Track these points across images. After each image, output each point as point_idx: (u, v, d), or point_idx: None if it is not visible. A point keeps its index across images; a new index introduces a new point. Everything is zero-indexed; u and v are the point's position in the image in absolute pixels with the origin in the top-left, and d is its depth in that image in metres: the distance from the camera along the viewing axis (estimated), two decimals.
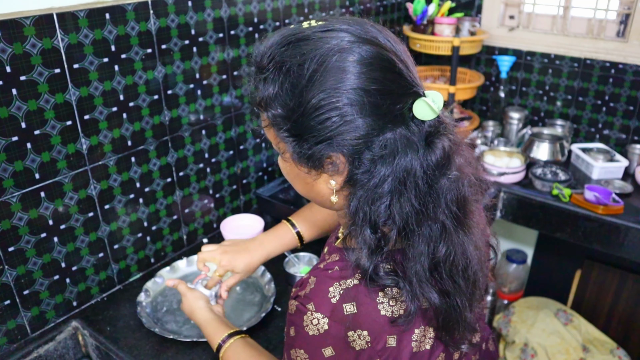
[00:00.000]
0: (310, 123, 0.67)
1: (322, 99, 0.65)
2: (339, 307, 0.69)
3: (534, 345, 2.03)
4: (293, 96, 0.67)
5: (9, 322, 1.21)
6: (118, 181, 1.36)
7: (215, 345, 1.04)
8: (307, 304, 0.71)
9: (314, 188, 0.76)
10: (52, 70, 1.14)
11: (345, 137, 0.66)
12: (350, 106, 0.65)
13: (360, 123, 0.66)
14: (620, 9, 2.02)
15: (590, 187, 1.75)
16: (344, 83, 0.65)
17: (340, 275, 0.71)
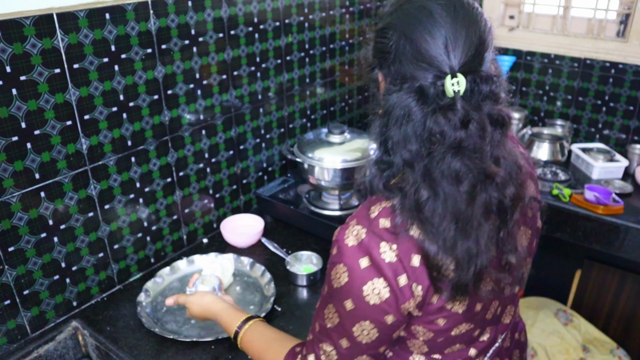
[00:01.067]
0: (375, 39, 0.83)
1: (384, 26, 0.80)
2: (375, 221, 0.79)
3: (534, 345, 2.03)
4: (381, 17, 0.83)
5: (9, 322, 1.21)
6: (118, 181, 1.36)
7: (232, 332, 1.05)
8: (351, 221, 0.81)
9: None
10: (52, 70, 1.14)
11: (387, 59, 0.79)
12: (401, 40, 0.77)
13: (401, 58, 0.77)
14: (620, 9, 2.02)
15: (590, 187, 1.75)
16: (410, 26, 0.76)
17: (379, 199, 0.81)
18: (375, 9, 2.13)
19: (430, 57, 0.75)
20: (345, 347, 0.82)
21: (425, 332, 0.84)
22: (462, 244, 0.76)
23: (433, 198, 0.75)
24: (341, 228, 0.82)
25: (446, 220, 0.75)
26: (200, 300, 1.16)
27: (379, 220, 0.78)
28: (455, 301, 0.80)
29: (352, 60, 2.11)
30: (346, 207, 1.64)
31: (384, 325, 0.80)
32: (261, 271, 1.45)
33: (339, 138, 1.61)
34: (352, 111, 2.23)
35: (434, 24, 0.75)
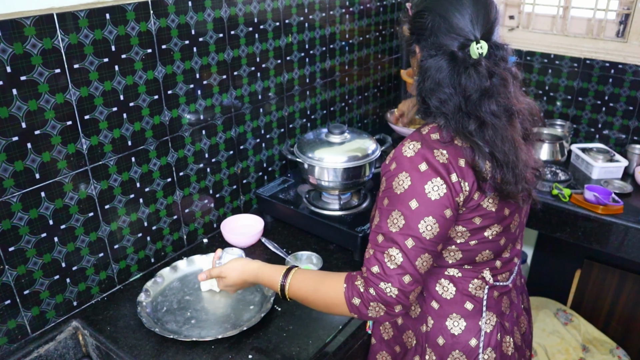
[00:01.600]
0: (413, 21, 1.05)
1: (422, 8, 1.02)
2: (427, 136, 1.00)
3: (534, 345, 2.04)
4: (418, 5, 1.05)
5: (9, 321, 1.21)
6: (118, 181, 1.36)
7: (278, 284, 1.10)
8: (406, 141, 1.01)
9: (413, 74, 1.13)
10: (52, 70, 1.14)
11: (424, 35, 1.01)
12: (437, 17, 0.99)
13: (436, 32, 0.99)
14: (620, 9, 2.02)
15: (590, 187, 1.76)
16: (442, 6, 0.99)
17: (427, 123, 1.04)
18: (375, 9, 2.13)
19: (459, 28, 0.97)
20: (411, 247, 0.94)
21: (463, 233, 1.01)
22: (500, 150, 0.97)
23: (479, 126, 0.96)
24: (396, 148, 1.01)
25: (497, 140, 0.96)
26: (235, 264, 1.19)
27: (429, 135, 1.00)
28: (490, 197, 0.99)
29: (352, 60, 2.11)
30: (346, 207, 1.65)
31: (444, 218, 0.96)
32: None
33: (339, 138, 1.61)
34: (352, 111, 2.23)
35: (462, 4, 0.97)
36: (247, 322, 1.27)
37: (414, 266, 0.95)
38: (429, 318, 1.11)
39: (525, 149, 1.03)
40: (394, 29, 2.29)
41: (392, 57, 2.37)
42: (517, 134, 1.03)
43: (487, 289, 1.09)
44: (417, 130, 1.03)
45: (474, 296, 1.09)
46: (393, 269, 0.94)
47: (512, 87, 0.99)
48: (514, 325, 1.17)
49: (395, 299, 0.95)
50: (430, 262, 0.98)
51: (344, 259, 1.54)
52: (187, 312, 1.34)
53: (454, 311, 1.09)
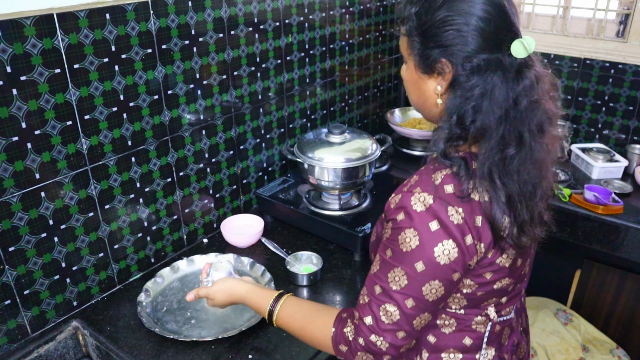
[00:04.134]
0: (435, 32, 0.89)
1: (447, 16, 0.87)
2: (441, 187, 0.87)
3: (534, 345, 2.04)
4: (427, 12, 0.89)
5: (9, 321, 1.21)
6: (118, 181, 1.36)
7: (266, 311, 1.05)
8: (414, 189, 0.88)
9: (424, 92, 0.96)
10: (52, 70, 1.14)
11: (457, 48, 0.87)
12: (466, 25, 0.86)
13: (470, 41, 0.86)
14: (620, 9, 2.02)
15: (590, 187, 1.76)
16: (467, 9, 0.86)
17: (440, 166, 0.90)
18: (375, 9, 2.13)
19: (501, 26, 0.86)
20: (411, 307, 0.88)
21: (471, 285, 0.93)
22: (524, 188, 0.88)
23: (518, 152, 0.86)
24: (404, 195, 0.89)
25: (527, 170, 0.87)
26: (222, 286, 1.14)
27: (444, 186, 0.87)
28: (506, 253, 0.91)
29: (352, 60, 2.11)
30: (346, 207, 1.65)
31: (450, 281, 0.88)
32: (261, 271, 1.45)
33: (339, 138, 1.61)
34: (352, 111, 2.23)
35: (489, 0, 0.86)
36: (247, 322, 1.27)
37: (410, 324, 0.88)
38: (424, 351, 1.00)
39: (550, 166, 0.94)
40: (394, 29, 2.29)
41: (392, 57, 2.37)
42: (547, 151, 0.91)
43: (490, 325, 1.00)
44: (429, 176, 0.89)
45: (475, 331, 0.99)
46: (388, 324, 0.88)
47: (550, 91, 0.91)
48: (512, 355, 1.08)
49: (385, 351, 0.89)
50: (429, 319, 0.91)
51: (343, 259, 1.54)
52: (187, 312, 1.34)
53: (452, 346, 0.99)
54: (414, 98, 1.01)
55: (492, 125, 0.85)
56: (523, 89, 0.85)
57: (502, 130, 0.85)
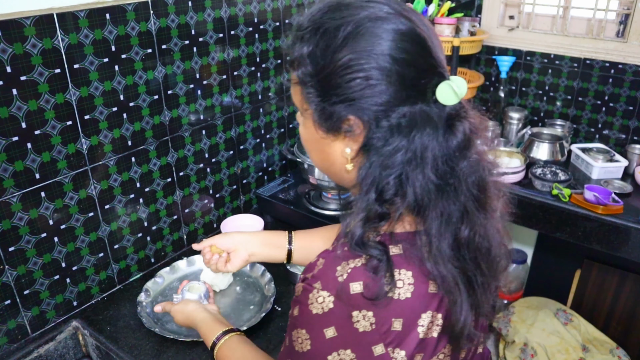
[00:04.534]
0: (337, 81, 0.70)
1: (351, 59, 0.68)
2: (346, 286, 0.68)
3: (534, 345, 2.04)
4: (325, 55, 0.70)
5: (9, 321, 1.21)
6: (118, 181, 1.36)
7: (210, 342, 1.04)
8: (314, 283, 0.70)
9: (329, 155, 0.77)
10: (52, 70, 1.14)
11: (367, 101, 0.68)
12: (377, 70, 0.68)
13: (383, 89, 0.68)
14: (620, 9, 2.02)
15: (590, 187, 1.75)
16: (375, 47, 0.68)
17: (349, 255, 0.70)
18: None
19: (417, 71, 0.68)
20: None
21: None
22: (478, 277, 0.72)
23: (468, 228, 0.70)
24: (304, 289, 0.71)
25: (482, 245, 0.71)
26: (183, 308, 1.14)
27: (349, 284, 0.67)
28: (441, 353, 0.74)
29: None
30: None
31: None
32: (261, 271, 1.45)
33: None
34: None
35: (403, 34, 0.68)
36: (247, 322, 1.27)
37: None
38: None
39: (503, 231, 0.78)
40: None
41: None
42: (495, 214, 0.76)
43: None
44: (334, 267, 0.69)
45: None
46: None
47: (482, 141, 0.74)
48: None
49: None
50: None
51: None
52: None
53: None
54: (317, 161, 0.82)
55: (429, 200, 0.68)
56: (458, 147, 0.69)
57: (443, 203, 0.69)
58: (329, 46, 0.69)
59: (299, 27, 0.74)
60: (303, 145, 0.83)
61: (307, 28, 0.72)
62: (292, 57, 0.75)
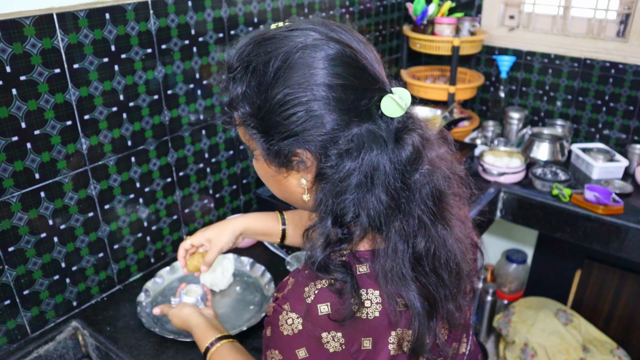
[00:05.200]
0: (276, 119, 0.69)
1: (287, 94, 0.67)
2: (313, 308, 0.68)
3: (534, 345, 2.04)
4: (259, 93, 0.69)
5: (8, 322, 1.21)
6: (118, 181, 1.36)
7: (203, 348, 1.04)
8: (284, 304, 0.70)
9: (287, 188, 0.78)
10: (52, 70, 1.14)
11: (311, 133, 0.68)
12: (315, 101, 0.67)
13: (325, 118, 0.67)
14: (620, 9, 2.02)
15: (590, 187, 1.75)
16: (308, 79, 0.67)
17: (310, 277, 0.70)
18: (375, 9, 2.13)
19: (356, 91, 0.67)
20: None
21: None
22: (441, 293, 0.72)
23: (427, 240, 0.70)
24: (274, 310, 0.71)
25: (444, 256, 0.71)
26: (180, 312, 1.15)
27: (317, 306, 0.68)
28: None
29: None
30: None
31: None
32: (261, 271, 1.45)
33: None
34: None
35: (334, 59, 0.67)
36: (247, 322, 1.27)
37: None
38: None
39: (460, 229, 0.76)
40: (394, 29, 2.29)
41: (392, 57, 2.37)
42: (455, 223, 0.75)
43: None
44: (301, 288, 0.70)
45: None
46: None
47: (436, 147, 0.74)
48: None
49: None
50: None
51: None
52: None
53: None
54: (276, 193, 0.82)
55: (383, 220, 0.68)
56: (408, 160, 0.68)
57: (397, 221, 0.69)
58: (262, 84, 0.69)
59: (230, 67, 0.73)
60: (260, 178, 0.83)
61: (237, 67, 0.71)
62: (229, 98, 0.74)
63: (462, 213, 0.79)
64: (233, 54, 0.73)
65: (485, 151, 2.00)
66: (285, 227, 1.18)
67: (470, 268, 0.80)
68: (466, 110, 2.32)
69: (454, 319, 0.76)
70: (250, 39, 0.72)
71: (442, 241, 0.72)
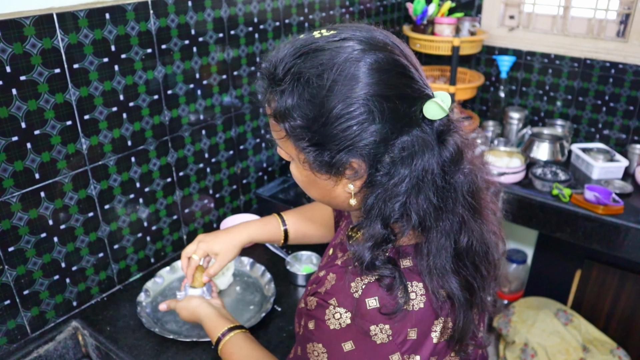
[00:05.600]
0: (332, 132, 0.69)
1: (342, 108, 0.67)
2: (361, 302, 0.70)
3: (534, 345, 2.03)
4: (313, 107, 0.69)
5: (9, 322, 1.21)
6: (118, 181, 1.36)
7: (215, 338, 1.04)
8: (329, 299, 0.72)
9: (331, 193, 0.78)
10: (52, 70, 1.14)
11: (366, 144, 0.69)
12: (369, 113, 0.68)
13: (379, 128, 0.68)
14: (620, 9, 2.02)
15: (590, 187, 1.75)
16: (362, 91, 0.67)
17: (363, 272, 0.72)
18: (375, 9, 2.13)
19: (404, 98, 0.68)
20: None
21: None
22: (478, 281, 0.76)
23: (469, 238, 0.73)
24: (319, 305, 0.73)
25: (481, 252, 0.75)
26: (187, 304, 1.15)
27: (365, 300, 0.70)
28: (453, 352, 0.78)
29: None
30: None
31: None
32: (261, 271, 1.45)
33: None
34: None
35: (384, 69, 0.68)
36: (247, 322, 1.27)
37: None
38: None
39: (492, 222, 0.81)
40: (394, 29, 2.29)
41: None
42: (486, 213, 0.79)
43: None
44: (348, 283, 0.72)
45: None
46: None
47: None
48: None
49: None
50: None
51: None
52: None
53: None
54: (316, 197, 0.82)
55: (432, 218, 0.71)
56: (452, 161, 0.71)
57: (443, 220, 0.72)
58: (316, 96, 0.68)
59: (274, 77, 0.73)
60: (297, 182, 0.84)
61: (284, 78, 0.71)
62: (275, 109, 0.73)
63: (494, 206, 0.83)
64: (277, 64, 0.73)
65: (485, 151, 2.00)
66: (287, 228, 1.22)
67: (500, 262, 0.84)
68: (466, 111, 2.32)
69: (486, 307, 0.80)
70: (296, 49, 0.72)
71: (480, 235, 0.76)
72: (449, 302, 0.74)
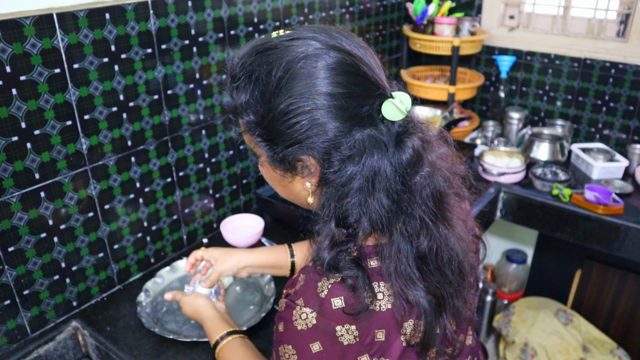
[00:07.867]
0: (280, 128, 0.71)
1: (289, 104, 0.69)
2: (327, 302, 0.70)
3: (534, 345, 2.04)
4: (263, 103, 0.71)
5: (8, 322, 1.21)
6: (118, 181, 1.36)
7: (213, 341, 1.05)
8: (297, 299, 0.72)
9: (291, 190, 0.80)
10: (52, 70, 1.14)
11: (314, 140, 0.70)
12: (317, 110, 0.69)
13: (328, 126, 0.69)
14: (620, 9, 2.02)
15: (590, 187, 1.75)
16: (310, 88, 0.68)
17: (326, 274, 0.72)
18: (375, 9, 2.13)
19: (357, 98, 0.69)
20: None
21: None
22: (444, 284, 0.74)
23: (430, 240, 0.72)
24: (287, 306, 0.73)
25: (447, 254, 0.73)
26: (193, 301, 1.15)
27: (330, 300, 0.70)
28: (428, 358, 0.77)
29: None
30: None
31: None
32: None
33: None
34: None
35: (335, 68, 0.69)
36: (247, 322, 1.27)
37: None
38: None
39: (461, 228, 0.78)
40: (394, 29, 2.29)
41: (392, 57, 2.37)
42: (451, 222, 0.76)
43: None
44: (314, 283, 0.72)
45: None
46: None
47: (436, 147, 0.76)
48: None
49: None
50: None
51: None
52: None
53: None
54: (282, 194, 0.85)
55: (385, 222, 0.70)
56: (409, 163, 0.70)
57: (399, 222, 0.71)
58: (264, 93, 0.71)
59: (233, 76, 0.75)
60: (266, 180, 0.86)
61: (239, 75, 0.74)
62: (234, 105, 0.76)
63: (463, 211, 0.81)
64: (235, 63, 0.76)
65: (485, 151, 2.00)
66: (294, 260, 1.20)
67: (473, 263, 0.81)
68: (466, 110, 2.32)
69: (460, 314, 0.78)
70: (252, 48, 0.74)
71: (445, 240, 0.74)
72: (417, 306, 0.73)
